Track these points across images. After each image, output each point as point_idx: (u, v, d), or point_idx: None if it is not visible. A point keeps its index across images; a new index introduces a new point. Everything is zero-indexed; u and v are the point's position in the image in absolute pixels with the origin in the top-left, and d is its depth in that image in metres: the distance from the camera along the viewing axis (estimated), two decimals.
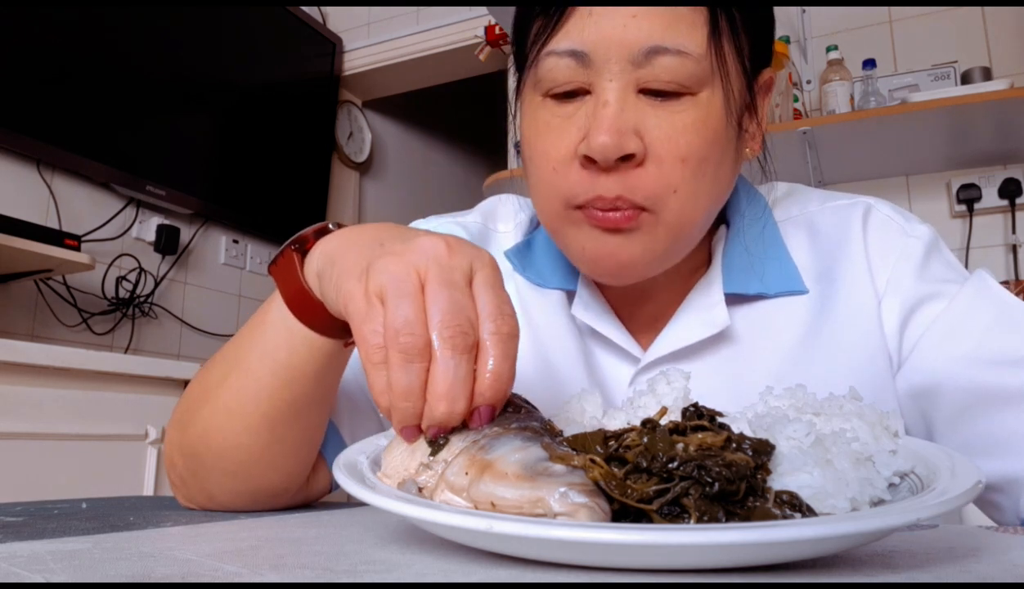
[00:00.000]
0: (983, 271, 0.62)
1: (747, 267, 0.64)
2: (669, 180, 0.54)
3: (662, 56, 0.53)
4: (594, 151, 0.53)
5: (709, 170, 0.56)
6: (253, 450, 0.54)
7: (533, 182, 0.60)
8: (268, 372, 0.52)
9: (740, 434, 0.36)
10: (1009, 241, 2.02)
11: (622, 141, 0.53)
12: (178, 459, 0.58)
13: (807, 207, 0.69)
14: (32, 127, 2.05)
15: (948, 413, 0.59)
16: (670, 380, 0.45)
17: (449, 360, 0.36)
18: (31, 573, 0.29)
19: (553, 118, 0.57)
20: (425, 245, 0.40)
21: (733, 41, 0.56)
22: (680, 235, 0.57)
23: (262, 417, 0.53)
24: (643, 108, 0.54)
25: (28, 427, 1.50)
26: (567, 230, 0.58)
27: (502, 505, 0.33)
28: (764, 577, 0.29)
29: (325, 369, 0.52)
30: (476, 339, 0.37)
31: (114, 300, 2.31)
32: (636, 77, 0.54)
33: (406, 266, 0.38)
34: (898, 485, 0.38)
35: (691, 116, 0.54)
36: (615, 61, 0.54)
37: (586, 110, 0.55)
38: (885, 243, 0.64)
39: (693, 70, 0.54)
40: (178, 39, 2.46)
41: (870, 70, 2.02)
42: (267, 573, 0.29)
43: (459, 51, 2.92)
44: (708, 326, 0.62)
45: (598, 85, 0.55)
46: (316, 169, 3.05)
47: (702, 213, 0.58)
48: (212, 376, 0.56)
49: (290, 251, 0.50)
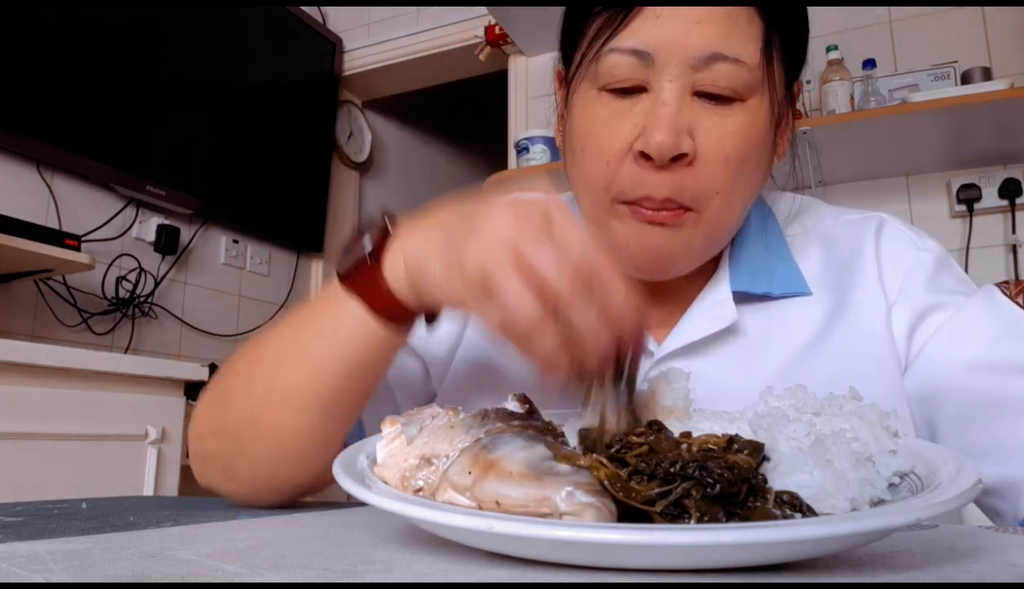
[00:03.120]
0: (992, 286, 0.63)
1: (753, 268, 0.66)
2: (713, 182, 0.57)
3: (720, 62, 0.56)
4: (651, 148, 0.55)
5: (747, 172, 0.59)
6: (304, 436, 0.55)
7: (580, 172, 0.62)
8: (335, 362, 0.53)
9: (730, 436, 0.36)
10: (1009, 241, 2.02)
11: (678, 140, 0.55)
12: (208, 437, 0.59)
13: (822, 221, 0.71)
14: (32, 127, 2.05)
15: (951, 418, 0.60)
16: (671, 380, 0.45)
17: (576, 310, 0.39)
18: (31, 573, 0.29)
19: (610, 113, 0.59)
20: (502, 211, 0.42)
21: (781, 54, 0.60)
22: (717, 233, 0.61)
23: (320, 405, 0.54)
24: (697, 111, 0.57)
25: (28, 427, 1.50)
26: (611, 223, 0.60)
27: (507, 504, 0.33)
28: (764, 577, 0.29)
29: (389, 359, 0.55)
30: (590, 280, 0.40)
31: (114, 300, 2.31)
32: (694, 80, 0.57)
33: (502, 245, 0.40)
34: (898, 485, 0.38)
35: (740, 121, 0.57)
36: (676, 64, 0.56)
37: (643, 107, 0.58)
38: (897, 254, 0.66)
39: (747, 78, 0.57)
40: (178, 39, 2.46)
41: (870, 70, 2.02)
42: (267, 573, 0.29)
43: (459, 51, 2.92)
44: (717, 321, 0.64)
45: (657, 84, 0.57)
46: (316, 169, 3.05)
47: (737, 213, 0.61)
48: (264, 360, 0.56)
49: (366, 264, 0.51)
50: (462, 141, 4.06)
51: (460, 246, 0.42)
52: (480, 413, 0.43)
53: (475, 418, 0.42)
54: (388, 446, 0.41)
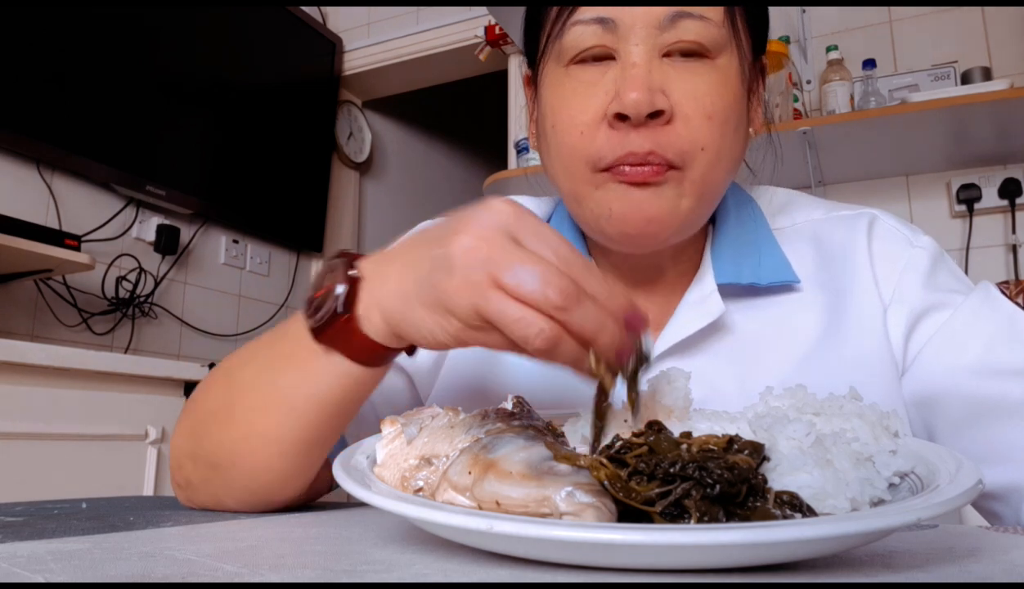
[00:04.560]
0: (988, 283, 0.62)
1: (737, 258, 0.65)
2: (697, 137, 0.56)
3: (686, 19, 0.56)
4: (627, 107, 0.55)
5: (730, 132, 0.58)
6: (284, 472, 0.54)
7: (556, 151, 0.60)
8: (315, 406, 0.51)
9: (730, 437, 0.36)
10: (1009, 241, 2.02)
11: (652, 98, 0.55)
12: (189, 465, 0.57)
13: (811, 216, 0.70)
14: (32, 127, 2.05)
15: (949, 422, 0.59)
16: (671, 380, 0.45)
17: (577, 311, 0.37)
18: (31, 573, 0.29)
19: (579, 84, 0.59)
20: (465, 240, 0.40)
21: (744, 19, 0.60)
22: (704, 193, 0.59)
23: (301, 444, 0.52)
24: (667, 70, 0.57)
25: (28, 427, 1.50)
26: (592, 194, 0.59)
27: (507, 504, 0.33)
28: (764, 577, 0.29)
29: (371, 390, 0.52)
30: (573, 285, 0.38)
31: (114, 300, 2.31)
32: (661, 41, 0.57)
33: (481, 277, 0.38)
34: (898, 485, 0.38)
35: (712, 77, 0.57)
36: (641, 26, 0.56)
37: (612, 74, 0.57)
38: (891, 253, 0.65)
39: (715, 34, 0.57)
40: (178, 39, 2.46)
41: (870, 70, 2.02)
42: (267, 573, 0.29)
43: (459, 51, 2.92)
44: (704, 315, 0.63)
45: (623, 50, 0.57)
46: (316, 169, 3.05)
47: (723, 174, 0.60)
48: (240, 403, 0.54)
49: (338, 317, 0.47)
50: (462, 141, 4.06)
51: (439, 291, 0.40)
52: (480, 413, 0.43)
53: (475, 418, 0.42)
54: (388, 446, 0.41)
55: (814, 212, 0.70)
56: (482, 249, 0.39)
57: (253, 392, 0.53)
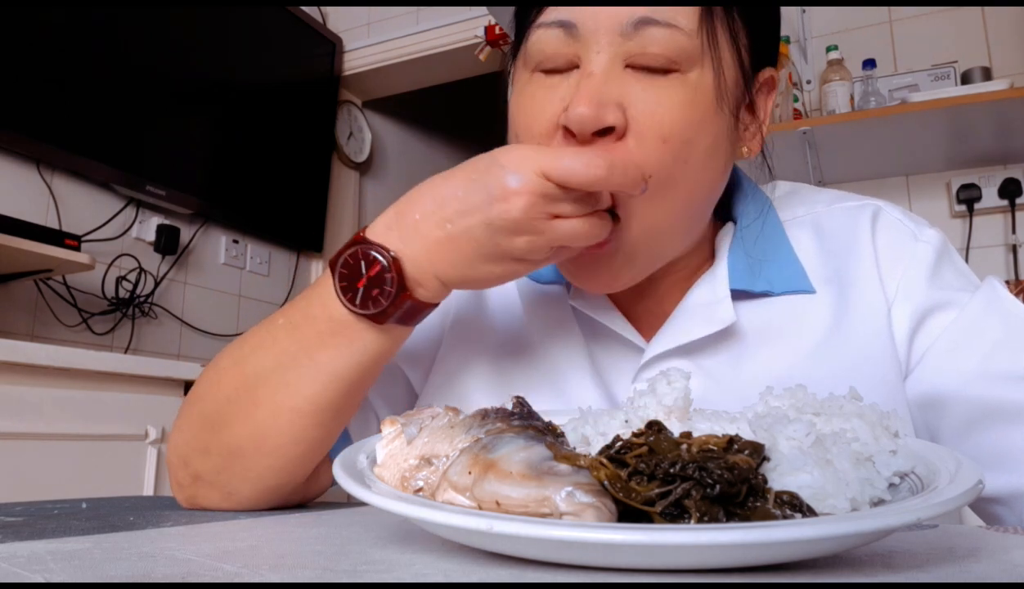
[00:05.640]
0: (994, 279, 0.61)
1: (753, 265, 0.63)
2: (647, 161, 0.51)
3: (651, 27, 0.52)
4: (571, 121, 0.51)
5: (694, 156, 0.53)
6: (313, 443, 0.56)
7: None
8: (355, 371, 0.55)
9: (730, 437, 0.36)
10: (1009, 241, 2.02)
11: (601, 112, 0.51)
12: (198, 460, 0.57)
13: (814, 207, 0.67)
14: (32, 127, 2.05)
15: (953, 425, 0.58)
16: (671, 380, 0.45)
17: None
18: (31, 573, 0.29)
19: (539, 90, 0.56)
20: (469, 191, 0.51)
21: (728, 26, 0.55)
22: (655, 237, 0.56)
23: (333, 411, 0.56)
24: (629, 81, 0.52)
25: (28, 427, 1.50)
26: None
27: (507, 504, 0.33)
28: (764, 577, 0.29)
29: (400, 345, 0.57)
30: None
31: (114, 300, 2.31)
32: (625, 50, 0.52)
33: (503, 200, 0.49)
34: (898, 485, 0.38)
35: (678, 94, 0.52)
36: (604, 32, 0.53)
37: (571, 82, 0.54)
38: (895, 248, 0.63)
39: (683, 45, 0.52)
40: (178, 39, 2.46)
41: (870, 70, 2.02)
42: (267, 573, 0.29)
43: (459, 51, 2.92)
44: (713, 322, 0.60)
45: (585, 57, 0.54)
46: (316, 169, 3.05)
47: (678, 208, 0.55)
48: (267, 381, 0.55)
49: (396, 298, 0.52)
50: (462, 141, 4.06)
51: (487, 236, 0.49)
52: (480, 413, 0.43)
53: (475, 418, 0.42)
54: (388, 446, 0.41)
55: (817, 203, 0.68)
56: (481, 181, 0.50)
57: (285, 371, 0.55)
